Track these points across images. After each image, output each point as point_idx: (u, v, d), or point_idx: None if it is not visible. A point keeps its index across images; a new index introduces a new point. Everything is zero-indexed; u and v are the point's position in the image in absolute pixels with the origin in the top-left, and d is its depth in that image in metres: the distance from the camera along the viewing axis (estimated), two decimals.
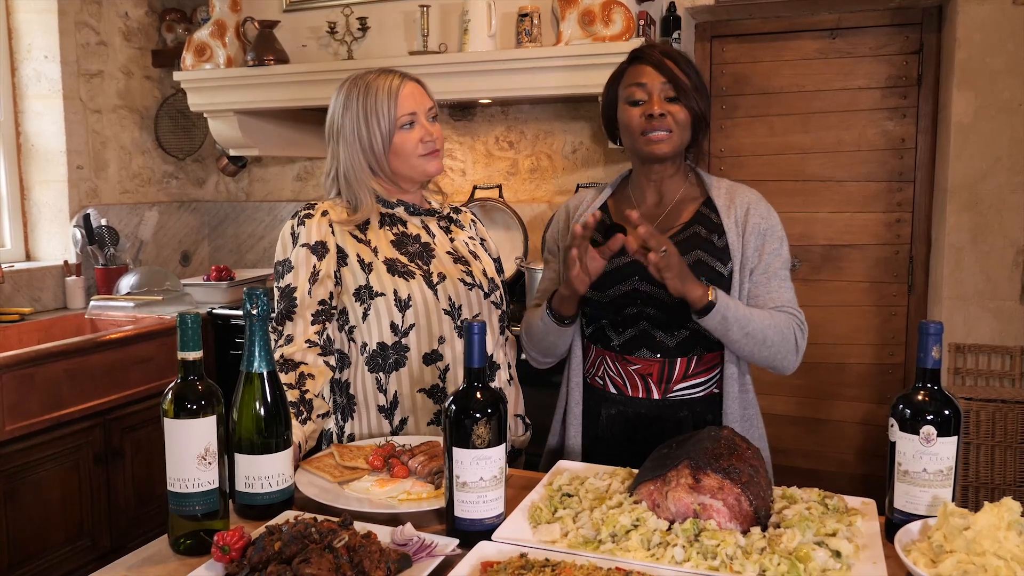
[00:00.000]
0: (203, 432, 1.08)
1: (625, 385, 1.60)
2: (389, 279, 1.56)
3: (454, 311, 1.60)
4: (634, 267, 1.55)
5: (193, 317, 1.09)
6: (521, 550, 1.03)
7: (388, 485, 1.29)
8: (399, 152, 1.58)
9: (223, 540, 1.01)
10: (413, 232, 1.65)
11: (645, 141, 1.55)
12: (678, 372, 1.57)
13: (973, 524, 0.96)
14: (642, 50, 1.59)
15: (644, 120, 1.53)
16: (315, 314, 1.55)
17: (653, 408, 1.57)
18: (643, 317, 1.56)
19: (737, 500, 1.07)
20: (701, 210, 1.61)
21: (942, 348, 1.11)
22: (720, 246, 1.56)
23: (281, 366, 1.52)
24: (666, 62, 1.54)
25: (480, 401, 1.10)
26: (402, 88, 1.57)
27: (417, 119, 1.59)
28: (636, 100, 1.55)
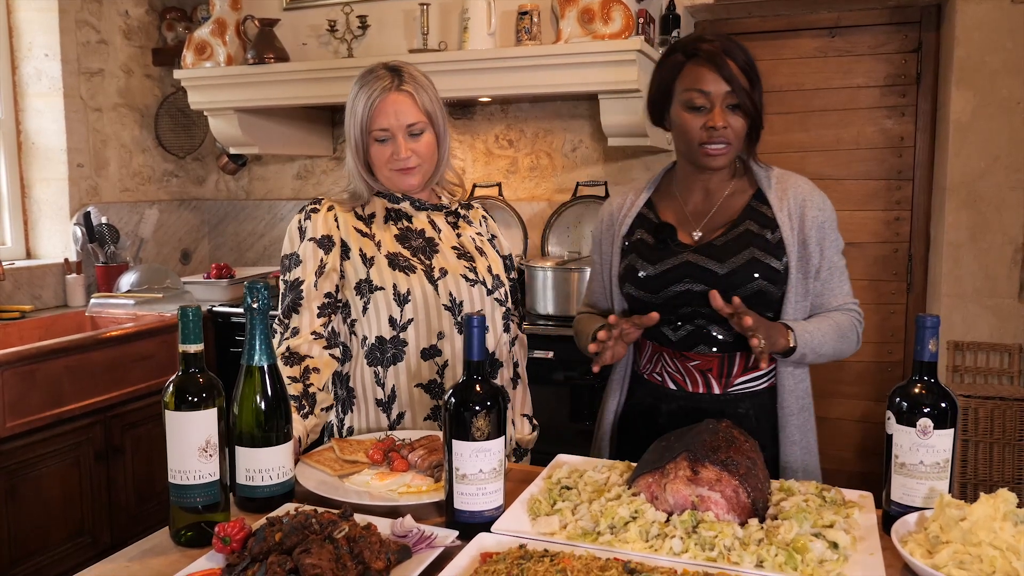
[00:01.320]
0: (204, 424, 1.09)
1: (685, 381, 1.57)
2: (389, 273, 1.56)
3: (455, 307, 1.59)
4: (685, 268, 1.53)
5: (194, 310, 1.10)
6: (520, 541, 1.04)
7: (388, 478, 1.29)
8: (374, 161, 1.59)
9: (224, 531, 1.02)
10: (418, 227, 1.64)
11: (703, 153, 1.51)
12: (738, 366, 1.55)
13: (969, 515, 0.97)
14: (702, 45, 1.49)
15: (704, 131, 1.49)
16: (321, 307, 1.56)
17: (714, 403, 1.55)
18: (698, 315, 1.53)
19: (735, 492, 1.08)
20: (752, 204, 1.57)
21: (939, 341, 1.12)
22: (774, 241, 1.53)
23: (287, 359, 1.52)
24: (728, 64, 1.46)
25: (479, 394, 1.11)
26: (381, 100, 1.53)
27: (391, 135, 1.54)
28: (697, 106, 1.49)
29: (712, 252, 1.53)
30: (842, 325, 1.54)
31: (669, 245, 1.57)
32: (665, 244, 1.57)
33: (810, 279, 1.55)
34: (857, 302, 1.62)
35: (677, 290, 1.53)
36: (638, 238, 1.62)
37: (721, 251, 1.53)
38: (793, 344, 1.46)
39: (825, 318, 1.54)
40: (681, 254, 1.55)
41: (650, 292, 1.56)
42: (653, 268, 1.56)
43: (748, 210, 1.57)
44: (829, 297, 1.57)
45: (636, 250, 1.61)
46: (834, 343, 1.51)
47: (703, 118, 1.49)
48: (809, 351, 1.48)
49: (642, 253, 1.59)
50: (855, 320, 1.58)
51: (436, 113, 1.59)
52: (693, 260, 1.53)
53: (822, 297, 1.57)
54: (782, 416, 1.56)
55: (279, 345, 1.55)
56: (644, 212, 1.65)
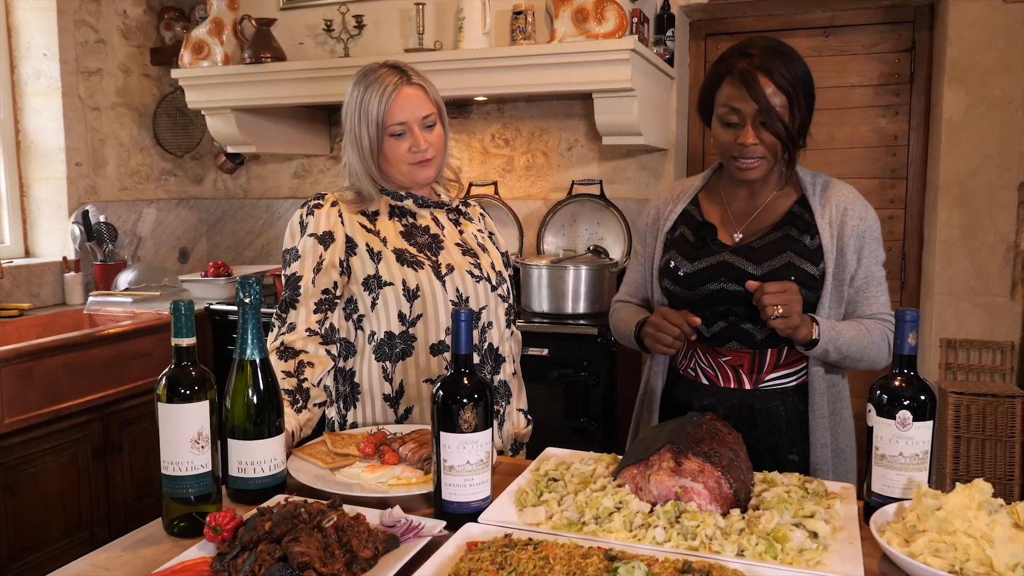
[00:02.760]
0: (196, 416, 1.11)
1: (717, 376, 1.61)
2: (398, 268, 1.57)
3: (461, 303, 1.61)
4: (722, 268, 1.56)
5: (187, 304, 1.12)
6: (506, 531, 1.06)
7: (378, 471, 1.31)
8: (388, 158, 1.58)
9: (215, 521, 1.04)
10: (422, 223, 1.65)
11: (736, 167, 1.55)
12: (768, 362, 1.58)
13: (945, 504, 0.99)
14: (737, 62, 1.49)
15: (736, 146, 1.52)
16: (318, 303, 1.57)
17: (746, 398, 1.58)
18: (732, 313, 1.56)
19: (717, 483, 1.10)
20: (794, 209, 1.59)
21: (918, 335, 1.14)
22: (812, 247, 1.55)
23: (281, 353, 1.54)
24: (759, 84, 1.46)
25: (467, 387, 1.13)
26: (396, 94, 1.54)
27: (408, 128, 1.56)
28: (730, 123, 1.52)
29: (749, 254, 1.56)
30: (872, 331, 1.54)
31: (708, 244, 1.60)
32: (704, 243, 1.60)
33: (845, 286, 1.56)
34: (892, 315, 1.59)
35: (713, 288, 1.56)
36: (680, 234, 1.66)
37: (759, 253, 1.55)
38: (816, 336, 1.47)
39: (855, 322, 1.55)
40: (719, 253, 1.58)
41: (687, 289, 1.60)
42: (691, 265, 1.59)
43: (790, 215, 1.59)
44: (863, 306, 1.57)
45: (676, 246, 1.64)
46: (861, 347, 1.52)
47: (735, 133, 1.52)
48: (833, 348, 1.49)
49: (682, 250, 1.63)
50: (887, 329, 1.56)
51: (442, 105, 1.64)
52: (730, 260, 1.56)
53: (855, 304, 1.58)
54: (812, 417, 1.56)
55: (275, 340, 1.57)
56: (689, 209, 1.68)
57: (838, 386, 1.60)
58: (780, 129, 1.49)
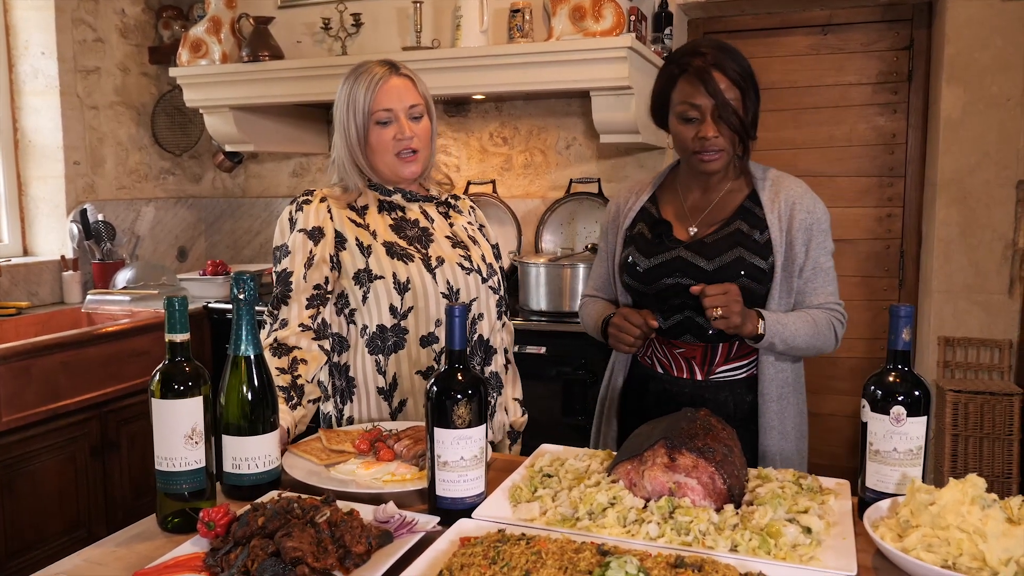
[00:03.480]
0: (190, 412, 1.11)
1: (671, 366, 1.69)
2: (388, 262, 1.57)
3: (452, 295, 1.61)
4: (676, 264, 1.63)
5: (180, 300, 1.12)
6: (500, 527, 1.06)
7: (373, 467, 1.31)
8: (375, 149, 1.59)
9: (209, 516, 1.04)
10: (412, 217, 1.66)
11: (697, 160, 1.61)
12: (720, 356, 1.65)
13: (938, 499, 0.99)
14: (692, 60, 1.56)
15: (696, 141, 1.58)
16: (310, 299, 1.57)
17: (696, 388, 1.66)
18: (687, 307, 1.63)
19: (711, 478, 1.10)
20: (745, 204, 1.65)
21: (912, 330, 1.14)
22: (762, 242, 1.61)
23: (275, 350, 1.54)
24: (714, 80, 1.53)
25: (461, 382, 1.13)
26: (384, 82, 1.56)
27: (394, 116, 1.57)
28: (689, 118, 1.59)
29: (702, 250, 1.63)
30: (819, 322, 1.60)
31: (664, 240, 1.67)
32: (660, 239, 1.67)
33: (794, 278, 1.62)
34: (842, 304, 1.68)
35: (668, 283, 1.64)
36: (638, 231, 1.72)
37: (710, 249, 1.62)
38: (762, 331, 1.54)
39: (803, 313, 1.61)
40: (674, 249, 1.65)
41: (644, 284, 1.67)
42: (648, 261, 1.66)
43: (741, 210, 1.65)
44: (811, 296, 1.64)
45: (635, 242, 1.71)
46: (808, 337, 1.59)
47: (695, 128, 1.59)
48: (779, 340, 1.56)
49: (639, 246, 1.70)
50: (834, 319, 1.63)
51: (431, 101, 1.65)
52: (684, 256, 1.64)
53: (803, 295, 1.64)
54: (761, 403, 1.63)
55: (267, 336, 1.57)
56: (647, 206, 1.75)
57: (785, 373, 1.66)
58: (735, 122, 1.56)
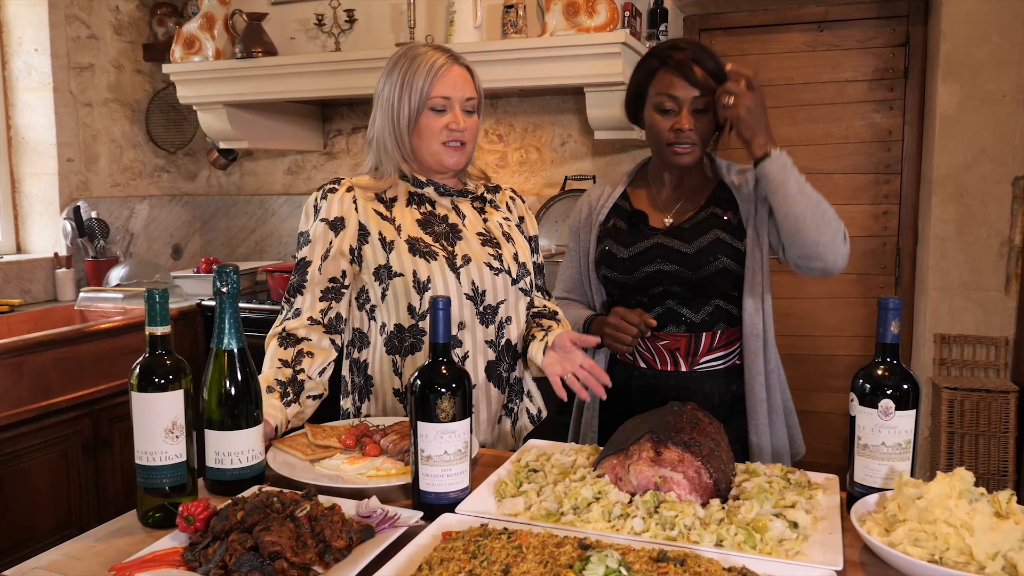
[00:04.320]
0: (170, 405, 1.10)
1: (654, 359, 1.69)
2: (410, 259, 1.51)
3: (477, 296, 1.54)
4: (656, 250, 1.65)
5: (161, 293, 1.10)
6: (483, 521, 1.04)
7: (358, 462, 1.30)
8: (422, 134, 1.52)
9: (188, 511, 1.02)
10: (441, 212, 1.59)
11: (671, 152, 1.63)
12: (704, 345, 1.66)
13: (925, 493, 0.97)
14: (673, 53, 1.60)
15: (672, 133, 1.60)
16: (324, 291, 1.54)
17: (682, 380, 1.67)
18: (670, 295, 1.65)
19: (697, 473, 1.08)
20: (715, 191, 1.70)
21: (901, 323, 1.12)
22: (735, 223, 1.65)
23: (282, 339, 1.52)
24: (695, 72, 1.58)
25: (445, 376, 1.12)
26: (445, 69, 1.50)
27: (450, 105, 1.51)
28: (666, 110, 1.61)
29: (680, 234, 1.65)
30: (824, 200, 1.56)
31: (641, 229, 1.69)
32: (638, 228, 1.69)
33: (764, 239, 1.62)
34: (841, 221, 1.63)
35: (649, 270, 1.65)
36: (612, 224, 1.74)
37: (688, 233, 1.65)
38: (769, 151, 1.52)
39: None
40: (652, 237, 1.68)
41: (624, 273, 1.68)
42: (627, 251, 1.68)
43: (712, 197, 1.69)
44: None
45: (611, 236, 1.72)
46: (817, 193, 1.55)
47: (671, 120, 1.61)
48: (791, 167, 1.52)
49: (617, 238, 1.71)
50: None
51: (483, 97, 1.59)
52: (663, 242, 1.66)
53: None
54: (748, 394, 1.64)
55: (279, 324, 1.54)
56: (620, 202, 1.77)
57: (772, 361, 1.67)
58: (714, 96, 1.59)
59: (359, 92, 2.91)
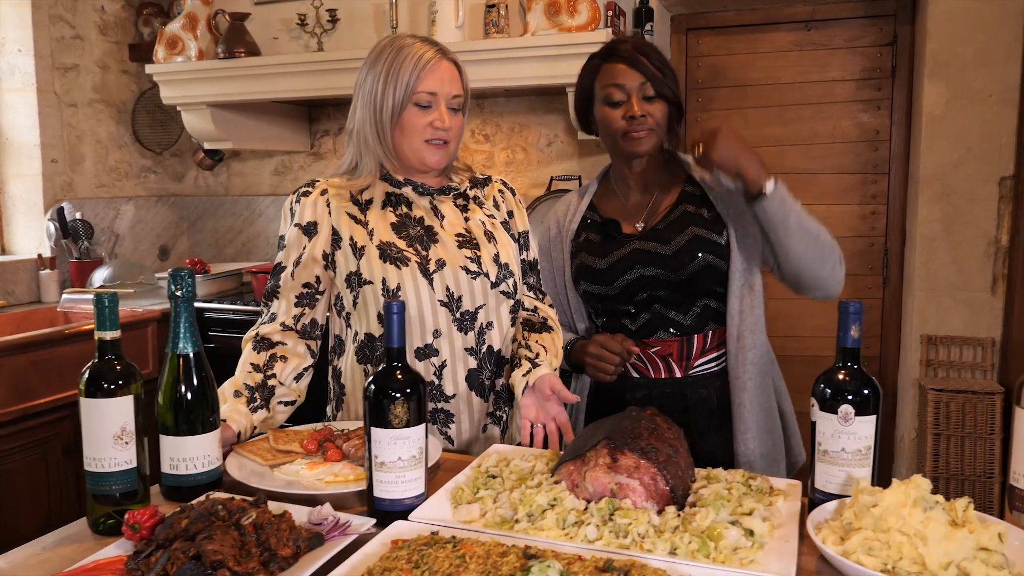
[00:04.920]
0: (119, 411, 1.08)
1: (647, 368, 1.64)
2: (380, 266, 1.45)
3: (452, 302, 1.48)
4: (634, 256, 1.60)
5: (110, 297, 1.09)
6: (434, 529, 1.03)
7: (318, 468, 1.28)
8: (404, 129, 1.46)
9: (134, 518, 1.01)
10: (417, 214, 1.52)
11: (627, 142, 1.59)
12: (696, 348, 1.62)
13: (881, 501, 0.96)
14: (616, 46, 1.59)
15: (625, 122, 1.57)
16: (298, 297, 1.52)
17: (678, 386, 1.62)
18: (655, 300, 1.59)
19: (653, 479, 1.07)
20: (685, 188, 1.65)
21: (861, 327, 1.11)
22: (711, 218, 1.60)
23: (256, 344, 1.50)
24: (640, 59, 1.55)
25: (399, 381, 1.10)
26: (433, 64, 1.44)
27: (436, 102, 1.45)
28: (615, 101, 1.58)
29: (656, 236, 1.61)
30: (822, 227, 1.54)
31: (615, 237, 1.64)
32: (612, 237, 1.64)
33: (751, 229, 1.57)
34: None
35: (630, 278, 1.60)
36: (584, 238, 1.69)
37: (664, 234, 1.60)
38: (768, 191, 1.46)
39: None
40: (628, 243, 1.63)
41: (605, 284, 1.62)
42: (603, 261, 1.63)
43: (682, 195, 1.65)
44: None
45: (584, 249, 1.67)
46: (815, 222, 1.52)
47: (622, 109, 1.57)
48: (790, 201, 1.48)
49: (591, 250, 1.66)
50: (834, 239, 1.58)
51: (469, 96, 1.54)
52: (640, 247, 1.61)
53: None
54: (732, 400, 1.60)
55: (254, 328, 1.53)
56: (588, 214, 1.72)
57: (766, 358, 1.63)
58: (669, 92, 1.56)
59: (342, 92, 2.89)
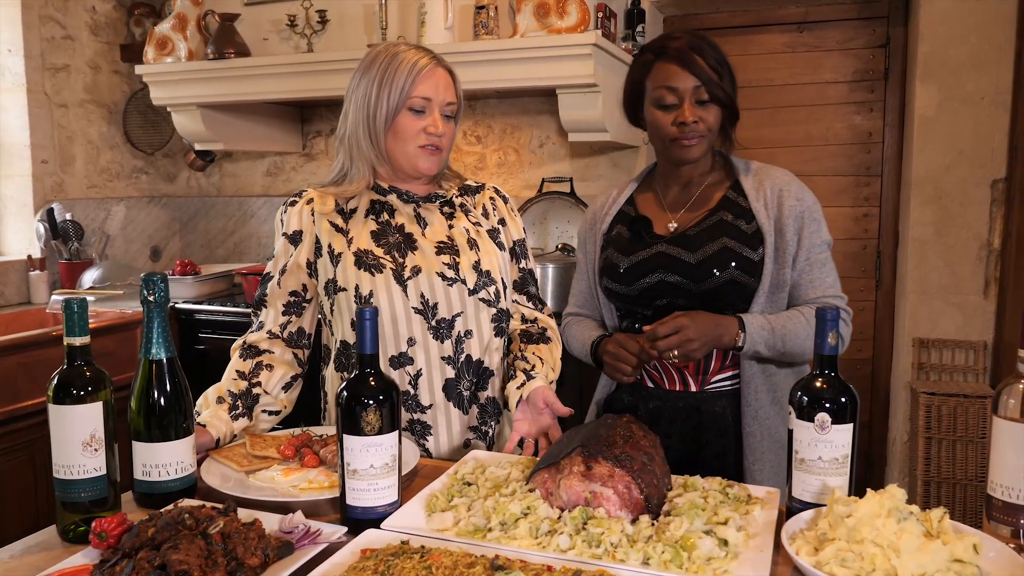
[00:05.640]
0: (88, 417, 1.07)
1: (662, 378, 1.58)
2: (354, 273, 1.46)
3: (427, 309, 1.46)
4: (658, 259, 1.54)
5: (79, 302, 1.08)
6: (404, 538, 1.02)
7: (294, 474, 1.27)
8: (398, 134, 1.46)
9: (100, 526, 1.00)
10: (398, 221, 1.51)
11: (677, 147, 1.52)
12: (714, 364, 1.54)
13: (855, 512, 0.94)
14: (668, 44, 1.51)
15: (676, 128, 1.50)
16: (286, 305, 1.53)
17: (692, 400, 1.55)
18: (675, 308, 1.52)
19: (627, 488, 1.06)
20: (728, 195, 1.56)
21: (839, 334, 1.10)
22: (749, 232, 1.51)
23: (244, 352, 1.52)
24: (695, 59, 1.48)
25: (372, 387, 1.09)
26: (429, 70, 1.45)
27: (430, 108, 1.46)
28: (666, 104, 1.51)
29: (685, 242, 1.53)
30: (812, 320, 1.48)
31: (643, 237, 1.57)
32: (640, 236, 1.58)
33: (787, 269, 1.51)
34: (844, 298, 1.56)
35: (650, 282, 1.54)
36: (616, 232, 1.63)
37: (693, 241, 1.53)
38: (741, 343, 1.46)
39: (795, 313, 1.50)
40: (654, 245, 1.56)
41: (625, 284, 1.57)
42: (627, 260, 1.57)
43: (724, 200, 1.56)
44: (807, 289, 1.52)
45: (613, 244, 1.62)
46: (802, 340, 1.47)
47: (673, 114, 1.50)
48: (764, 347, 1.46)
49: (618, 246, 1.60)
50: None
51: (462, 104, 1.54)
52: (665, 251, 1.54)
53: (799, 289, 1.53)
54: (744, 419, 1.52)
55: (243, 336, 1.54)
56: (625, 208, 1.66)
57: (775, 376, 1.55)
58: (724, 97, 1.49)
59: (332, 93, 2.89)
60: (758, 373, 1.52)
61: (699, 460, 1.53)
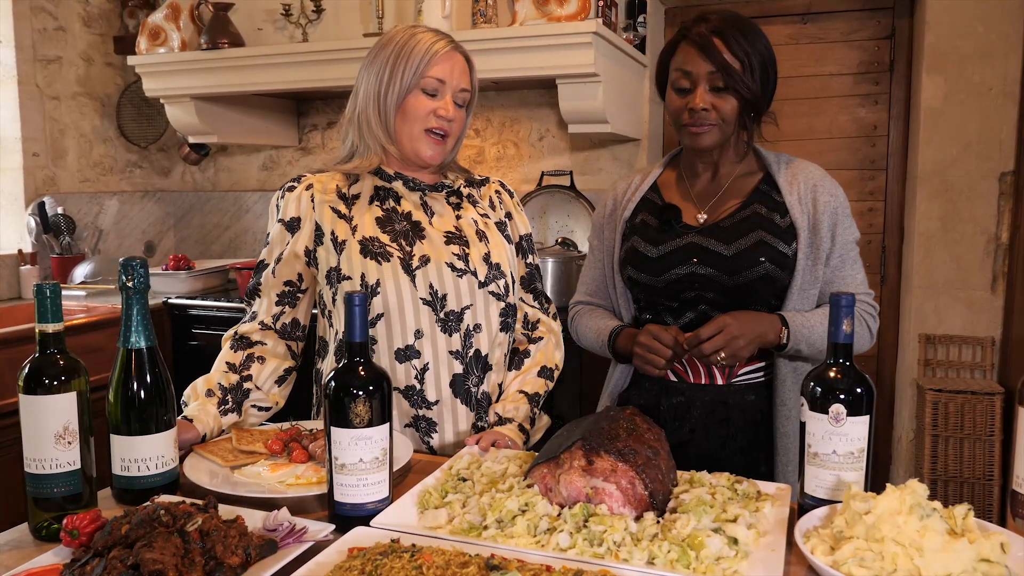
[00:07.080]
0: (61, 409, 1.02)
1: (687, 372, 1.51)
2: (359, 261, 1.40)
3: (436, 301, 1.41)
4: (691, 249, 1.47)
5: (52, 287, 1.02)
6: (394, 536, 0.96)
7: (281, 469, 1.22)
8: (406, 115, 1.41)
9: (72, 524, 0.95)
10: (405, 209, 1.46)
11: (687, 133, 1.47)
12: None
13: (874, 508, 0.89)
14: (692, 26, 1.45)
15: (686, 113, 1.45)
16: (280, 295, 1.48)
17: (718, 394, 1.48)
18: (702, 301, 1.47)
19: (631, 483, 1.00)
20: (761, 187, 1.51)
21: (854, 321, 1.04)
22: (783, 226, 1.46)
23: (234, 343, 1.47)
24: (715, 44, 1.40)
25: (362, 378, 1.03)
26: (446, 53, 1.41)
27: (443, 91, 1.41)
28: (680, 87, 1.45)
29: (718, 233, 1.47)
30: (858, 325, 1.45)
31: (673, 226, 1.51)
32: (669, 225, 1.51)
33: (820, 265, 1.46)
34: (872, 294, 1.52)
35: (680, 273, 1.47)
36: (640, 220, 1.56)
37: (727, 233, 1.47)
38: (785, 340, 1.41)
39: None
40: (686, 235, 1.49)
41: (652, 275, 1.50)
42: (656, 250, 1.50)
43: (757, 193, 1.50)
44: (840, 285, 1.48)
45: (638, 232, 1.55)
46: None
47: (686, 99, 1.45)
48: (805, 345, 1.42)
49: (645, 235, 1.53)
50: (865, 313, 1.49)
51: (476, 94, 1.50)
52: (698, 241, 1.48)
53: (832, 285, 1.48)
54: (777, 419, 1.47)
55: (235, 327, 1.48)
56: (649, 195, 1.59)
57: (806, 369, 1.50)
58: (744, 88, 1.41)
59: (327, 84, 2.83)
60: (790, 372, 1.46)
61: (724, 456, 1.48)
